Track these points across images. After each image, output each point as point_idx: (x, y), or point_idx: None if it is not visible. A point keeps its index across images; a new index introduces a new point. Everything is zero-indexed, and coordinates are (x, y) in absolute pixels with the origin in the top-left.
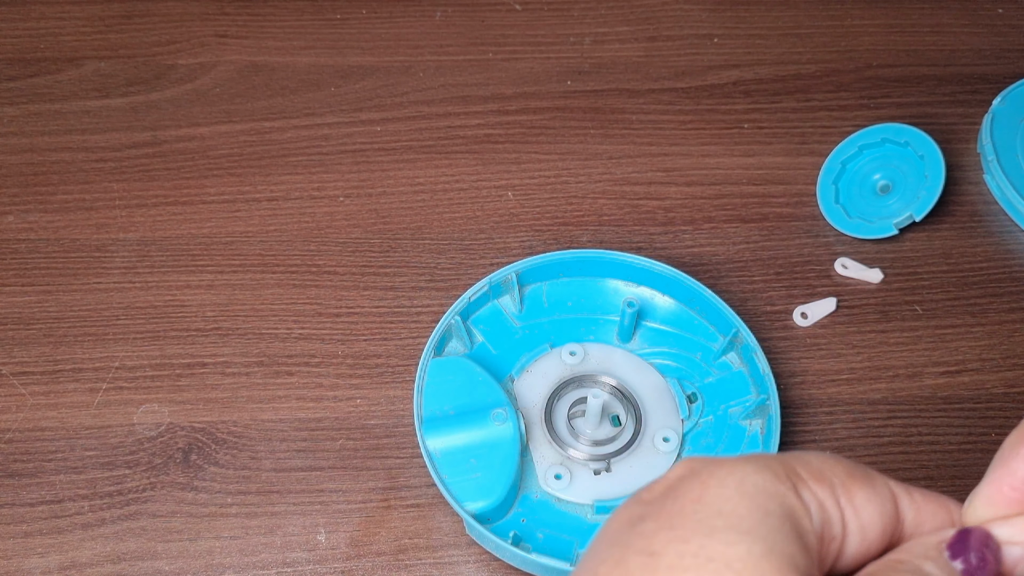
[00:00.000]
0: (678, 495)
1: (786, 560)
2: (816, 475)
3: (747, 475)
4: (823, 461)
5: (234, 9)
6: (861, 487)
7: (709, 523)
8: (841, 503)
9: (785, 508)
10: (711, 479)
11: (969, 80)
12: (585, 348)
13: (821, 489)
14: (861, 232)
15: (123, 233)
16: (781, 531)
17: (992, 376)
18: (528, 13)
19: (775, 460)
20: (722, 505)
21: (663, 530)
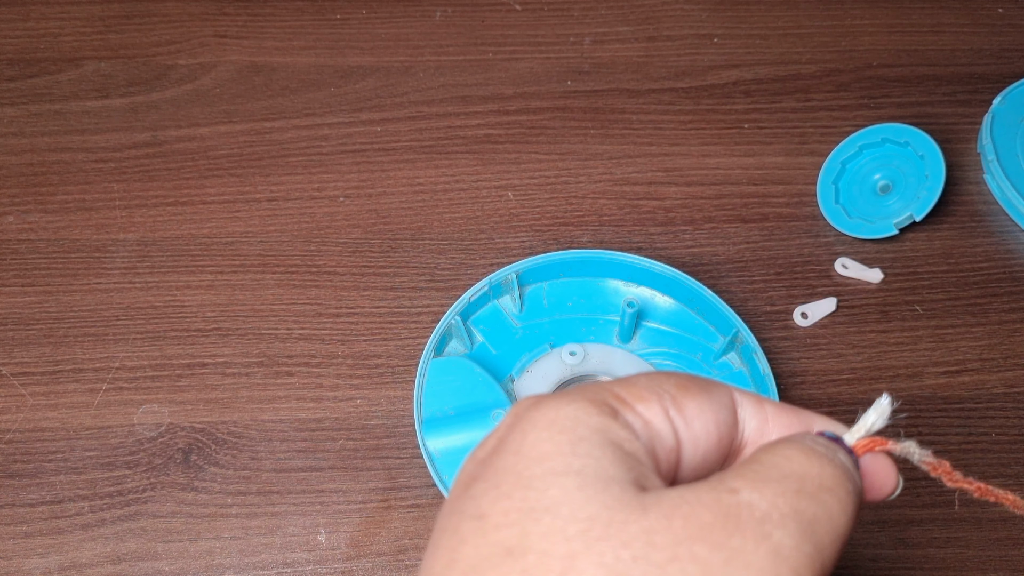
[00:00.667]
0: (504, 449)
1: (603, 483)
2: (639, 395)
3: (560, 411)
4: (651, 379)
5: (234, 9)
6: (693, 398)
7: (527, 473)
8: (671, 415)
9: (601, 433)
10: (529, 425)
11: (969, 80)
12: (585, 348)
13: (646, 407)
14: (861, 232)
15: (123, 233)
16: (594, 456)
17: (992, 376)
18: (528, 13)
19: (594, 389)
20: (538, 450)
21: (491, 489)
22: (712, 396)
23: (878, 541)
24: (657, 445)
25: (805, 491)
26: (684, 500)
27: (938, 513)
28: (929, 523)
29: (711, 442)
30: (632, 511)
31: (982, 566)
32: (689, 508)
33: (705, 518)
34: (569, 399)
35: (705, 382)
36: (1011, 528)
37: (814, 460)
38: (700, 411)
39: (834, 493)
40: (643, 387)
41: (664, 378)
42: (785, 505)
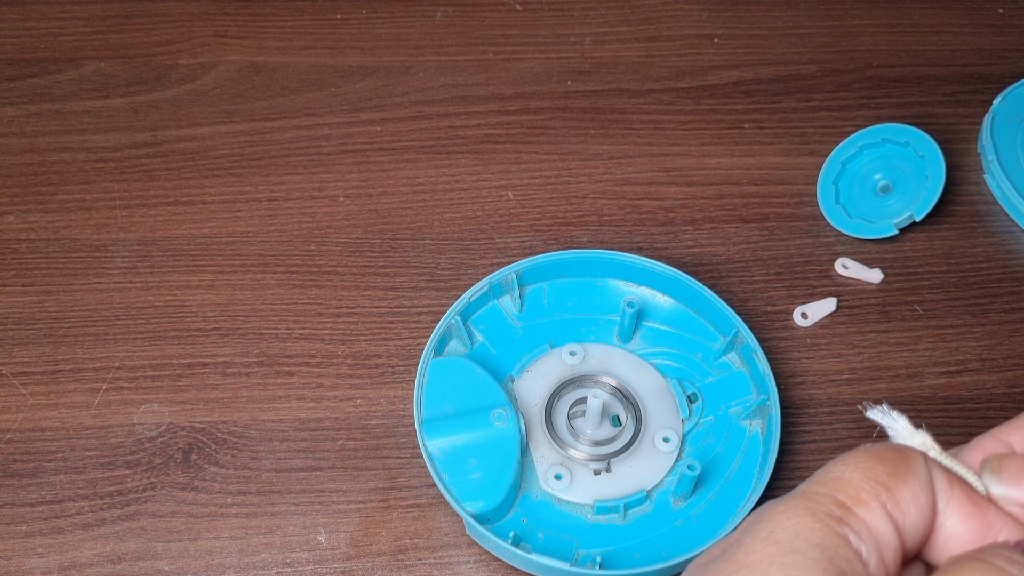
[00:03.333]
0: (723, 558)
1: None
2: (857, 498)
3: (780, 524)
4: (863, 470)
5: (234, 9)
6: (904, 483)
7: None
8: (890, 510)
9: (818, 547)
10: (748, 536)
11: (969, 80)
12: (585, 348)
13: (867, 511)
14: (861, 232)
15: (123, 233)
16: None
17: (993, 376)
18: (528, 13)
19: (815, 496)
20: (748, 560)
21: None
22: (918, 474)
23: None
24: (883, 551)
25: None
26: None
27: None
28: None
29: (925, 526)
30: None
31: None
32: None
33: None
34: (792, 511)
35: (906, 457)
36: None
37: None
38: (914, 496)
39: None
40: (858, 485)
41: (873, 464)
42: None
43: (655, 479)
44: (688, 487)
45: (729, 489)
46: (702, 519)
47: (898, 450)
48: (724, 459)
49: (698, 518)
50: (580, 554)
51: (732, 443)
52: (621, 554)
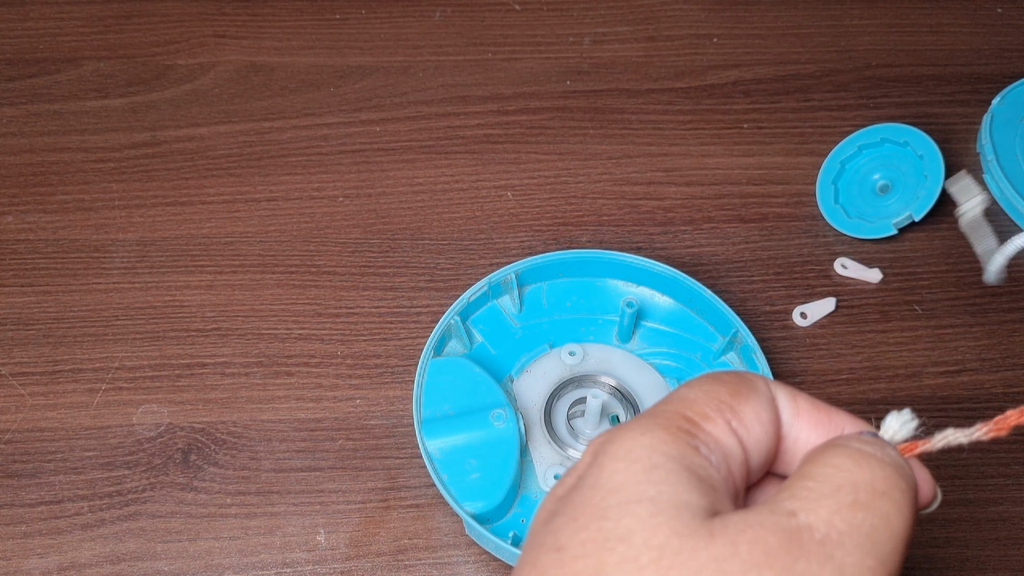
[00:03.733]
0: (582, 484)
1: (675, 509)
2: (703, 413)
3: (635, 441)
4: (707, 391)
5: (233, 9)
6: (746, 402)
7: (604, 504)
8: (733, 426)
9: (676, 460)
10: (606, 459)
11: (968, 80)
12: (584, 348)
13: (713, 425)
14: (860, 232)
15: (122, 233)
16: (669, 482)
17: (991, 376)
18: (527, 13)
19: (663, 415)
20: (614, 482)
21: (569, 523)
22: (760, 394)
23: None
24: (731, 462)
25: (859, 502)
26: (748, 525)
27: (937, 513)
28: (928, 523)
29: (770, 442)
30: (700, 538)
31: (981, 566)
32: (753, 533)
33: (770, 543)
34: (643, 428)
35: (747, 380)
36: (1010, 528)
37: (864, 465)
38: (756, 414)
39: (889, 496)
40: (703, 403)
41: (717, 386)
42: (842, 522)
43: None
44: None
45: None
46: None
47: (739, 374)
48: None
49: None
50: None
51: None
52: None
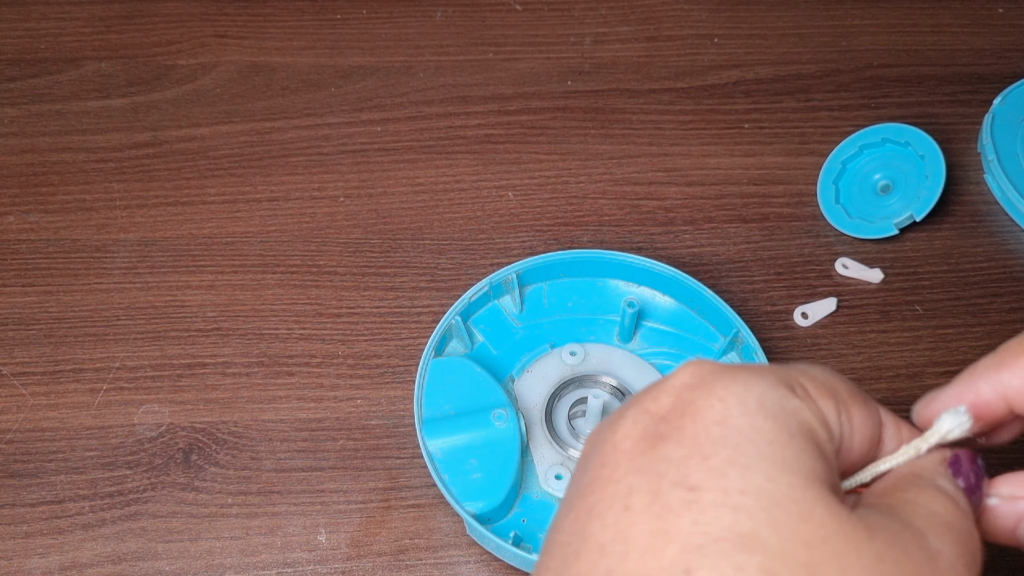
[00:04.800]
0: (696, 413)
1: (820, 483)
2: (821, 391)
3: (764, 392)
4: (827, 376)
5: (234, 9)
6: (859, 407)
7: (744, 452)
8: (842, 419)
9: (805, 426)
10: (728, 395)
11: (969, 80)
12: (585, 348)
13: (827, 404)
14: (861, 232)
15: (124, 233)
16: (807, 452)
17: None
18: (528, 13)
19: (784, 373)
20: (750, 430)
21: (694, 457)
22: (871, 410)
23: None
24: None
25: (968, 544)
26: (897, 531)
27: None
28: None
29: (861, 453)
30: (860, 530)
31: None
32: (905, 543)
33: (919, 557)
34: (767, 380)
35: (864, 394)
36: None
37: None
38: (863, 422)
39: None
40: (822, 383)
41: (837, 379)
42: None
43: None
44: None
45: None
46: None
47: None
48: None
49: None
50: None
51: None
52: None
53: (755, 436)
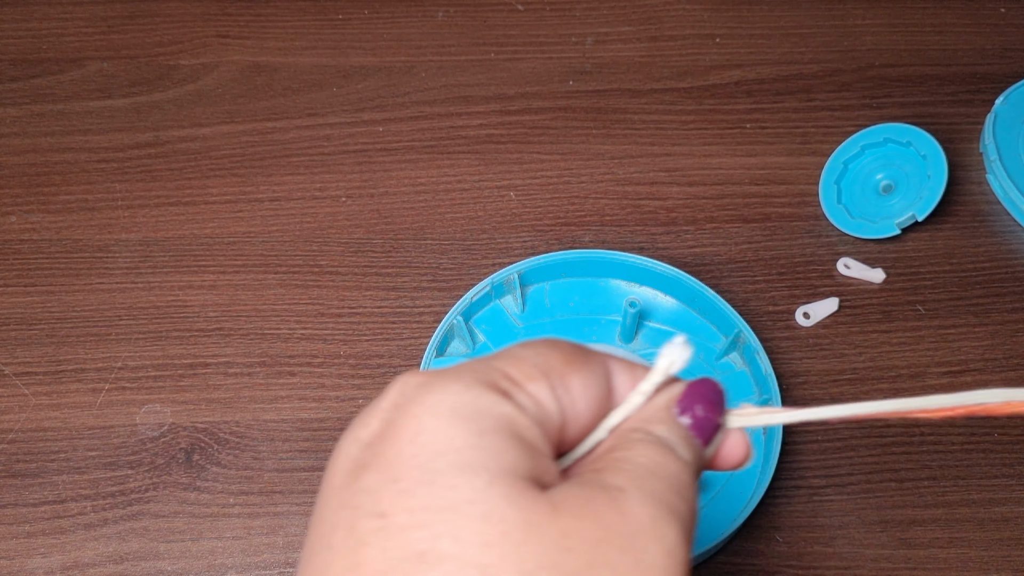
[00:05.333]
0: (396, 436)
1: (509, 476)
2: (529, 374)
3: (458, 397)
4: (538, 353)
5: (236, 10)
6: (578, 373)
7: (431, 467)
8: (558, 394)
9: (501, 420)
10: (424, 410)
11: (971, 80)
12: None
13: (537, 387)
14: (863, 232)
15: (125, 233)
16: (497, 447)
17: (995, 376)
18: (530, 13)
19: (485, 368)
20: (439, 441)
21: (387, 483)
22: (594, 370)
23: (881, 541)
24: (548, 426)
25: (674, 488)
26: (587, 499)
27: (941, 513)
28: (932, 523)
29: (592, 415)
30: (544, 512)
31: (984, 566)
32: (594, 508)
33: (609, 519)
34: (462, 382)
35: (586, 354)
36: (1013, 528)
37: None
38: (584, 387)
39: (689, 488)
40: (531, 364)
41: (550, 351)
42: (667, 504)
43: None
44: None
45: (731, 489)
46: (704, 519)
47: (580, 346)
48: None
49: (700, 518)
50: None
51: None
52: None
53: (444, 446)
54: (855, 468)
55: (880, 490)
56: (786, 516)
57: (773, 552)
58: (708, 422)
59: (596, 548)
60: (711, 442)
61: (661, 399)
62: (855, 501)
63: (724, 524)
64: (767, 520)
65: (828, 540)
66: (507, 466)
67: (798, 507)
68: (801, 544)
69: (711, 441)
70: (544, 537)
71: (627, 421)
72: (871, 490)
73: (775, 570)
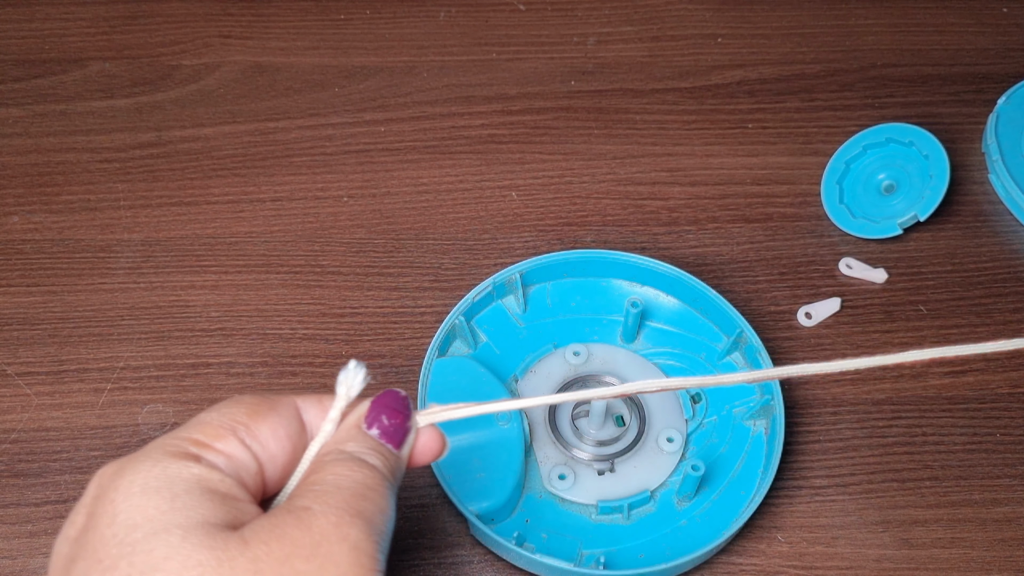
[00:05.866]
0: (97, 523)
1: (203, 527)
2: (215, 434)
3: (148, 473)
4: (223, 413)
5: (238, 10)
6: (264, 421)
7: (129, 540)
8: (248, 443)
9: (192, 481)
10: (118, 494)
11: (973, 79)
12: (589, 348)
13: (225, 444)
14: (865, 232)
15: (128, 233)
16: (189, 505)
17: (997, 376)
18: (532, 13)
19: (173, 440)
20: (134, 517)
21: (93, 567)
22: (280, 413)
23: (882, 541)
24: (244, 474)
25: (358, 494)
26: (274, 525)
27: (943, 513)
28: (934, 523)
29: (287, 454)
30: (235, 547)
31: (986, 567)
32: (281, 531)
33: (295, 535)
34: (151, 458)
35: (272, 401)
36: (1016, 529)
37: (357, 470)
38: (273, 432)
39: (376, 490)
40: (217, 424)
41: (235, 408)
42: (349, 510)
43: (659, 479)
44: (692, 487)
45: (733, 489)
46: (706, 519)
47: (263, 396)
48: (728, 459)
49: (702, 518)
50: (584, 554)
51: (736, 443)
52: (625, 554)
53: (139, 519)
54: (857, 468)
55: (882, 490)
56: (788, 516)
57: (774, 552)
58: (395, 427)
59: (284, 564)
60: (404, 443)
61: (351, 419)
62: (857, 501)
63: (726, 524)
64: (769, 520)
65: (830, 540)
66: (200, 519)
67: (800, 507)
68: (803, 544)
69: (404, 443)
70: (236, 569)
71: (324, 447)
72: (873, 490)
73: (776, 570)
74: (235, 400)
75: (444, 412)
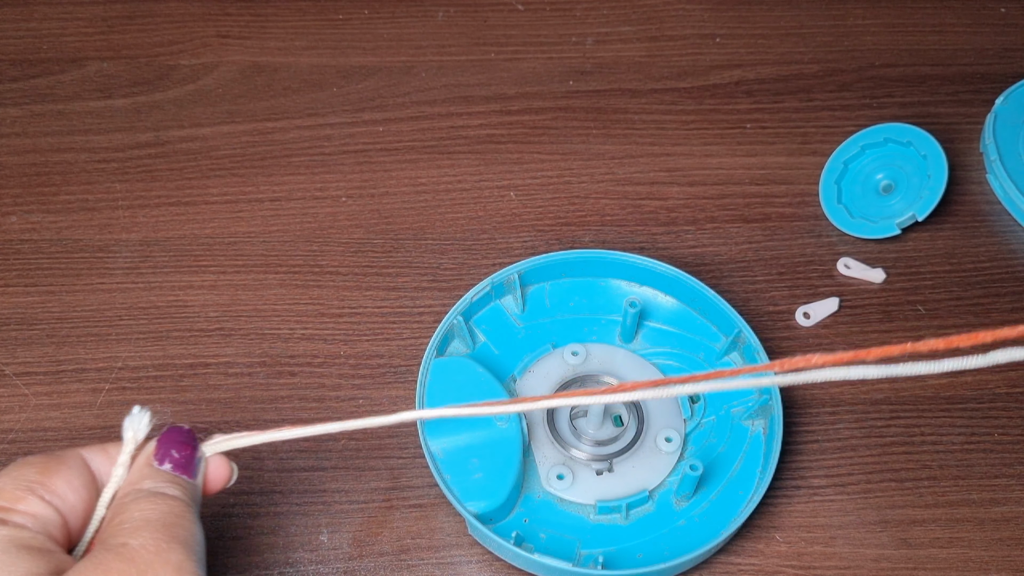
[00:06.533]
0: None
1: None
2: (14, 497)
3: None
4: (16, 479)
5: (236, 9)
6: (56, 476)
7: None
8: (48, 500)
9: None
10: None
11: (972, 79)
12: (587, 348)
13: (26, 504)
14: (864, 232)
15: (126, 233)
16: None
17: (995, 376)
18: (530, 13)
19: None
20: None
21: None
22: (70, 466)
23: (881, 541)
24: (51, 528)
25: (169, 523)
26: (97, 564)
27: (941, 513)
28: (932, 523)
29: (85, 503)
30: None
31: (985, 566)
32: (105, 568)
33: (121, 568)
34: None
35: (59, 457)
36: (1014, 528)
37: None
38: (68, 484)
39: (184, 516)
40: (13, 488)
41: (26, 470)
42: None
43: (657, 479)
44: (690, 487)
45: (731, 489)
46: (704, 519)
47: (51, 455)
48: (726, 459)
49: (700, 518)
50: (582, 554)
51: (734, 443)
52: (623, 554)
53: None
54: (855, 468)
55: (880, 490)
56: (786, 516)
57: (773, 552)
58: (186, 459)
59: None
60: (197, 472)
61: (140, 459)
62: (855, 501)
63: (724, 524)
64: (767, 520)
65: (828, 540)
66: (24, 573)
67: (798, 507)
68: (801, 544)
69: (196, 472)
70: None
71: (121, 490)
72: (871, 490)
73: (775, 570)
74: (23, 462)
75: (228, 441)
